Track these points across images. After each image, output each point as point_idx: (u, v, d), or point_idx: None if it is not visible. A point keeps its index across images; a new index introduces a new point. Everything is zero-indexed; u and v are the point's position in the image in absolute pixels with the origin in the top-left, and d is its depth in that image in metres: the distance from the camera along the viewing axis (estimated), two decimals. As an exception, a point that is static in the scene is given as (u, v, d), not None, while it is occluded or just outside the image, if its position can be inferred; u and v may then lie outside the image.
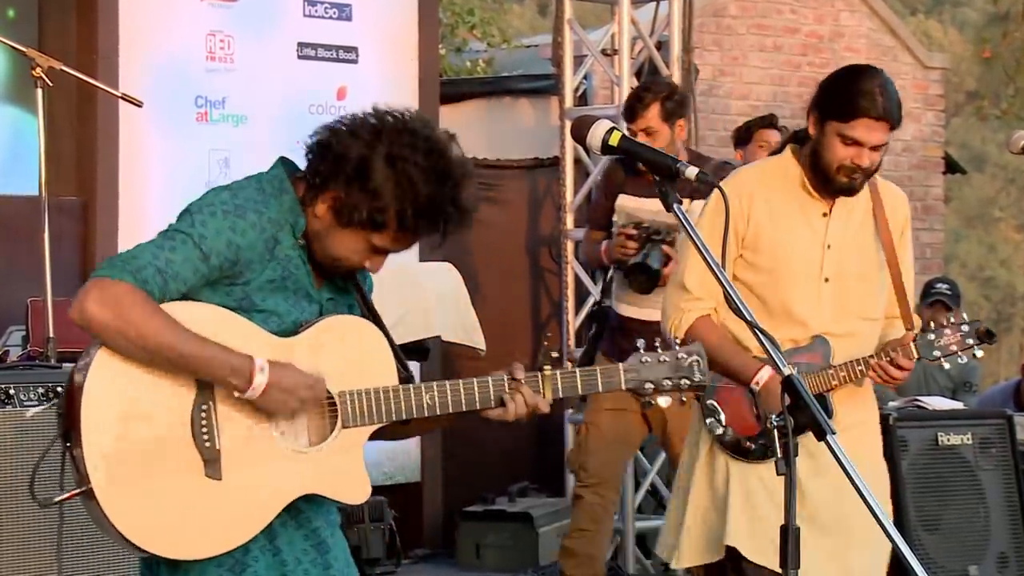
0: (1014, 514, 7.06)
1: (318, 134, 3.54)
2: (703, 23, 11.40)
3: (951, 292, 9.71)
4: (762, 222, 5.06)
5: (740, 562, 5.03)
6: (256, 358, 3.38)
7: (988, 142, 29.14)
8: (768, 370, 4.89)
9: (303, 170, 3.56)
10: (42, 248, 6.05)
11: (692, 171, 3.46)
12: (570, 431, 9.13)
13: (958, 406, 7.71)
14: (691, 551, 5.17)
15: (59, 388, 5.22)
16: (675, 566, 5.27)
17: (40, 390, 5.41)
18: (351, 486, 3.56)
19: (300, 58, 8.42)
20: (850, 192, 4.97)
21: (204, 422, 3.40)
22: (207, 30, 8.16)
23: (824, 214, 5.05)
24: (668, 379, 3.70)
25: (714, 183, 3.49)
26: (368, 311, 3.67)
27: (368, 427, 3.55)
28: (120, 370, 3.36)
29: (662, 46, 9.35)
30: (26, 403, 5.41)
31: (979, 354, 5.00)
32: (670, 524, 5.25)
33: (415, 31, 8.81)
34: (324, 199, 3.52)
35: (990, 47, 22.78)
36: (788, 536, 3.35)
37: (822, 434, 3.31)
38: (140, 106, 6.44)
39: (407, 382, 3.61)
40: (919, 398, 7.24)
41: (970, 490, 6.97)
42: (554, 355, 3.72)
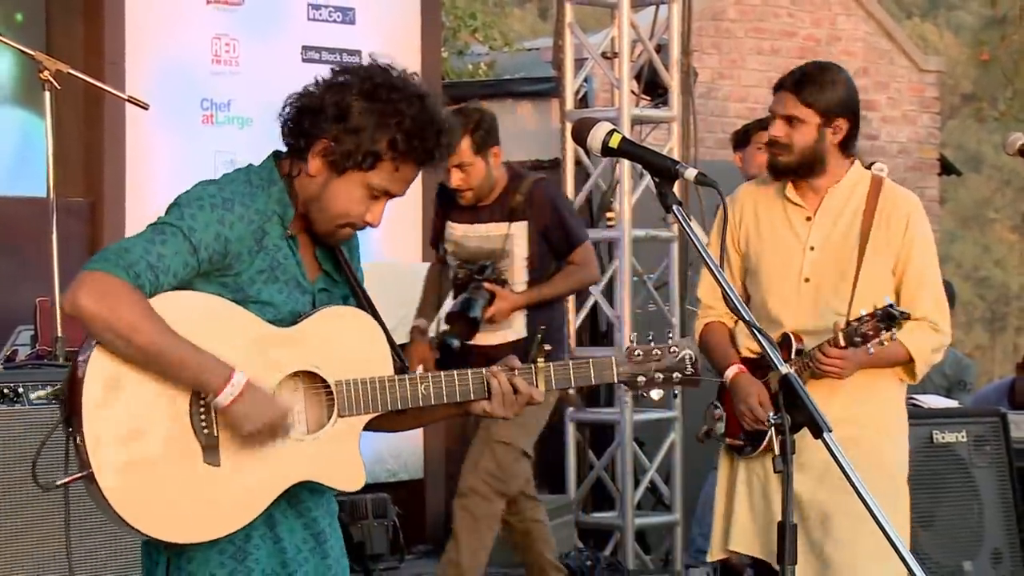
0: (1008, 511, 7.11)
1: (287, 106, 3.56)
2: (702, 27, 11.48)
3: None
4: (751, 231, 5.29)
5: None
6: (237, 371, 3.39)
7: (984, 144, 29.14)
8: (735, 368, 5.20)
9: (286, 150, 3.58)
10: (50, 249, 6.10)
11: (691, 173, 3.50)
12: (571, 429, 9.22)
13: (953, 404, 7.75)
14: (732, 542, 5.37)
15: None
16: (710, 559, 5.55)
17: (48, 389, 5.42)
18: (347, 473, 3.56)
19: (304, 61, 8.44)
20: (775, 171, 5.21)
21: (203, 410, 3.42)
22: (212, 33, 8.18)
23: (808, 218, 5.21)
24: (660, 372, 3.71)
25: (714, 184, 3.49)
26: (365, 302, 3.68)
27: (364, 416, 3.57)
28: (119, 359, 3.39)
29: (661, 49, 9.38)
30: (31, 401, 5.47)
31: (889, 338, 4.91)
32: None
33: (417, 34, 8.87)
34: (314, 154, 3.50)
35: (988, 50, 22.82)
36: (785, 532, 3.38)
37: (818, 432, 3.35)
38: (146, 108, 6.46)
39: (403, 372, 3.63)
40: (914, 396, 7.23)
41: (964, 487, 7.02)
42: (547, 348, 3.69)
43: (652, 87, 9.47)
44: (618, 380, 3.71)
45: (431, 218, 7.29)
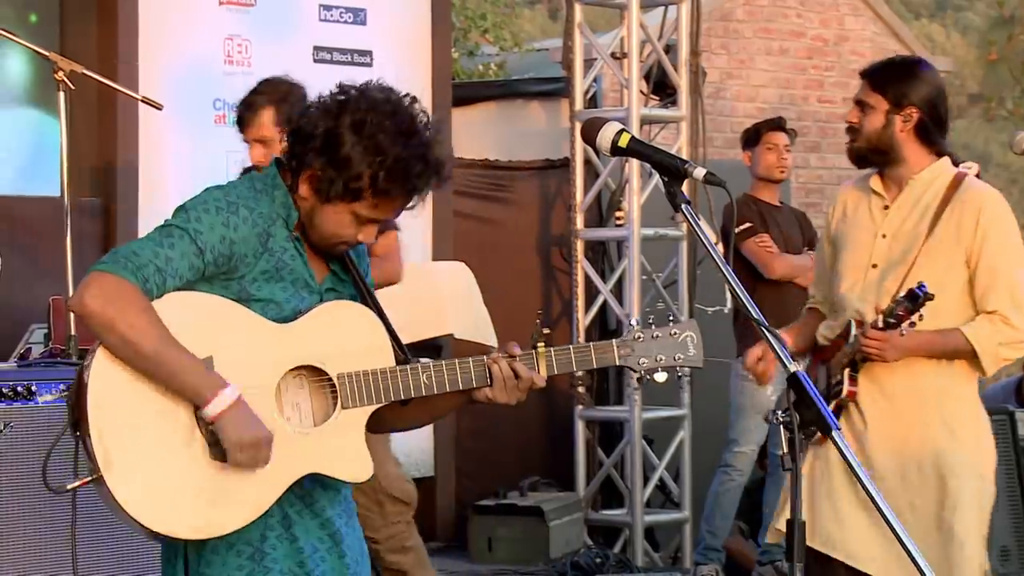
0: (1016, 508, 7.13)
1: (292, 122, 3.61)
2: (711, 27, 11.50)
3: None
4: (840, 222, 5.39)
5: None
6: (230, 385, 3.42)
7: (991, 143, 29.13)
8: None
9: (287, 160, 3.62)
10: (64, 248, 6.12)
11: (700, 172, 3.52)
12: (580, 427, 9.26)
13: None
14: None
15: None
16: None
17: (61, 387, 5.45)
18: (353, 465, 3.58)
19: (316, 62, 8.44)
20: (849, 156, 5.30)
21: None
22: (225, 34, 8.20)
23: (885, 207, 5.27)
24: (662, 355, 3.69)
25: (722, 184, 3.50)
26: (370, 299, 3.69)
27: (367, 407, 3.58)
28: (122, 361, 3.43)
29: (670, 49, 9.43)
30: (41, 403, 5.51)
31: (917, 318, 4.93)
32: None
33: (428, 35, 8.83)
34: (303, 180, 3.55)
35: (996, 50, 22.81)
36: (794, 529, 3.37)
37: (827, 429, 3.35)
38: (160, 109, 6.49)
39: (405, 364, 3.63)
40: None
41: (972, 485, 7.06)
42: (545, 331, 3.66)
43: (661, 87, 9.51)
44: (619, 363, 3.69)
45: (441, 217, 7.27)
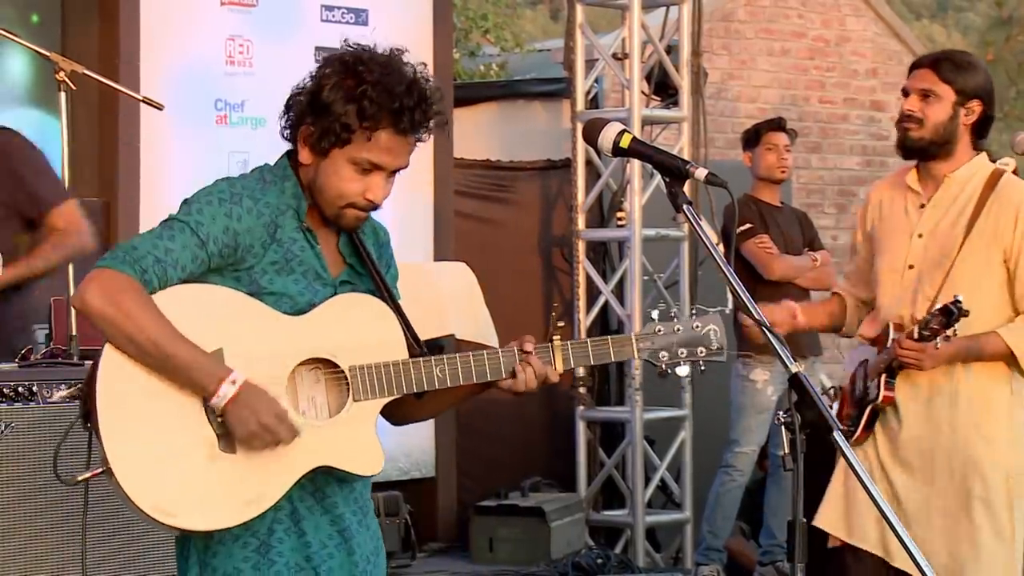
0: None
1: (283, 107, 3.62)
2: (712, 27, 11.51)
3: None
4: (876, 221, 5.32)
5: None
6: (233, 372, 3.41)
7: (991, 143, 29.15)
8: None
9: (284, 135, 3.62)
10: (65, 248, 6.08)
11: (701, 173, 3.51)
12: (582, 428, 9.26)
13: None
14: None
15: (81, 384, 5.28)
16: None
17: (63, 387, 5.43)
18: (364, 458, 3.56)
19: (317, 62, 8.48)
20: (904, 146, 5.21)
21: None
22: (226, 35, 8.20)
23: (921, 205, 5.21)
24: (684, 348, 3.62)
25: (724, 184, 3.50)
26: (386, 294, 3.67)
27: (380, 400, 3.56)
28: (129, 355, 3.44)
29: (672, 50, 9.43)
30: (49, 400, 5.51)
31: (953, 333, 4.91)
32: None
33: (429, 35, 8.86)
34: (301, 144, 3.56)
35: (993, 51, 22.82)
36: (795, 529, 3.36)
37: (828, 430, 3.34)
38: (161, 109, 6.47)
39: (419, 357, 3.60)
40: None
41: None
42: (560, 325, 3.59)
43: (662, 88, 9.52)
44: (638, 357, 3.62)
45: (442, 217, 7.26)
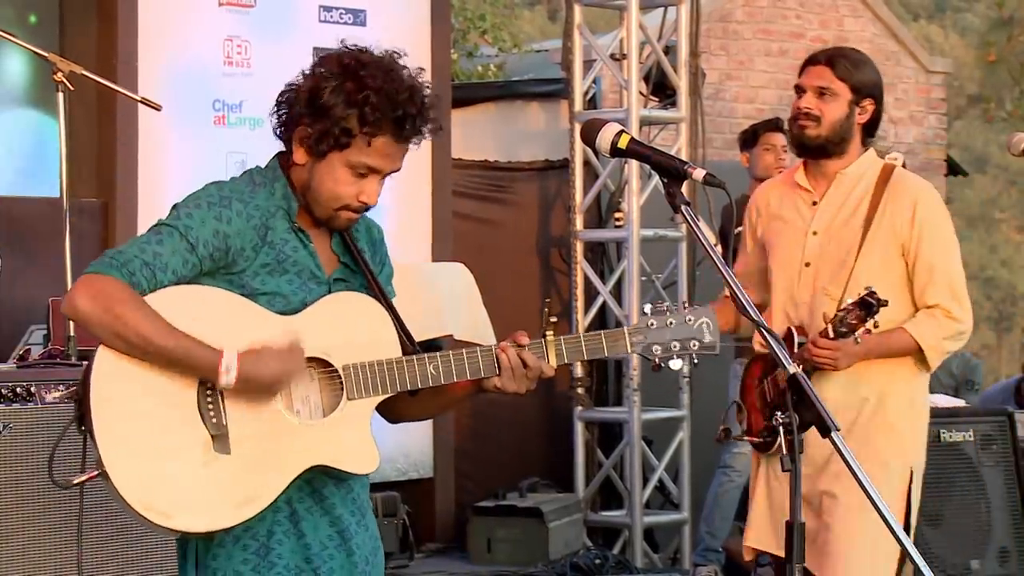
0: (1015, 509, 7.12)
1: (274, 104, 3.61)
2: (710, 28, 11.52)
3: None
4: (765, 221, 5.31)
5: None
6: (225, 350, 3.42)
7: (990, 144, 29.16)
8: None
9: (278, 134, 3.62)
10: (63, 249, 6.10)
11: (699, 173, 3.53)
12: (580, 428, 9.26)
13: (960, 404, 7.74)
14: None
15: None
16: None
17: (61, 388, 5.47)
18: (359, 457, 3.56)
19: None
20: (800, 144, 5.20)
21: (210, 400, 3.46)
22: (224, 35, 8.20)
23: (814, 203, 5.21)
24: (677, 341, 3.61)
25: (722, 185, 3.50)
26: (379, 292, 3.67)
27: (374, 398, 3.56)
28: (123, 356, 3.44)
29: (670, 51, 9.44)
30: (47, 401, 5.51)
31: (873, 326, 4.85)
32: None
33: (427, 36, 8.86)
34: (296, 144, 3.55)
35: (995, 51, 22.86)
36: (794, 530, 3.38)
37: (827, 430, 3.36)
38: (159, 110, 6.47)
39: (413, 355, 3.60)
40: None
41: (972, 486, 7.03)
42: (553, 320, 3.57)
43: (660, 88, 9.52)
44: (631, 351, 3.61)
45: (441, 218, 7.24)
